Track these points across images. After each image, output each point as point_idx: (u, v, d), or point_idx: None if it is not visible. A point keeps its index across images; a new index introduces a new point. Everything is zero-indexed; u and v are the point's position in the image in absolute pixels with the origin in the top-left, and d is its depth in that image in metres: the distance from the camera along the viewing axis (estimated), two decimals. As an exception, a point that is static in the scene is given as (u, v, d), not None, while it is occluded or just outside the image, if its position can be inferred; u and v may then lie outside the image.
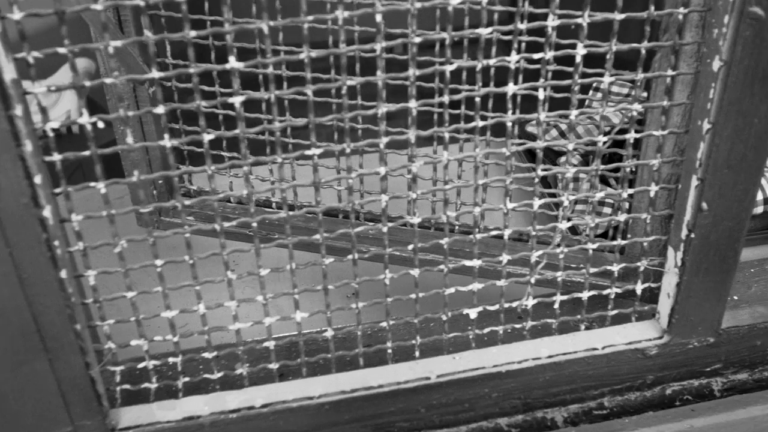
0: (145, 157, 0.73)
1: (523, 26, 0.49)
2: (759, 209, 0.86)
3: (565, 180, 0.56)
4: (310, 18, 0.47)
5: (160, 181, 0.74)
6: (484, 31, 0.48)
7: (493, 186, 0.66)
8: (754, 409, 0.62)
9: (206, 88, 0.70)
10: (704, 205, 0.53)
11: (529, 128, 1.04)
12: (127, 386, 0.57)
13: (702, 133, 0.52)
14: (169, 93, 0.71)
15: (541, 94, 0.51)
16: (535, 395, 0.61)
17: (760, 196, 0.86)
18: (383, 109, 0.48)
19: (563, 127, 0.96)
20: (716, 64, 0.49)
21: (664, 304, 0.60)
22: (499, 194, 1.03)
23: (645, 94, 0.70)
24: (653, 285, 0.60)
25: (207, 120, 0.46)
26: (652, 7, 0.50)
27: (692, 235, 0.55)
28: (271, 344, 0.57)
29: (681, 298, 0.58)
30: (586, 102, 1.04)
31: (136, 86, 0.69)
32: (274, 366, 0.58)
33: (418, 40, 0.47)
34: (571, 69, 0.52)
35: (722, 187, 0.53)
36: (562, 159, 0.95)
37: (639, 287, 0.60)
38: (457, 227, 0.72)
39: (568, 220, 0.62)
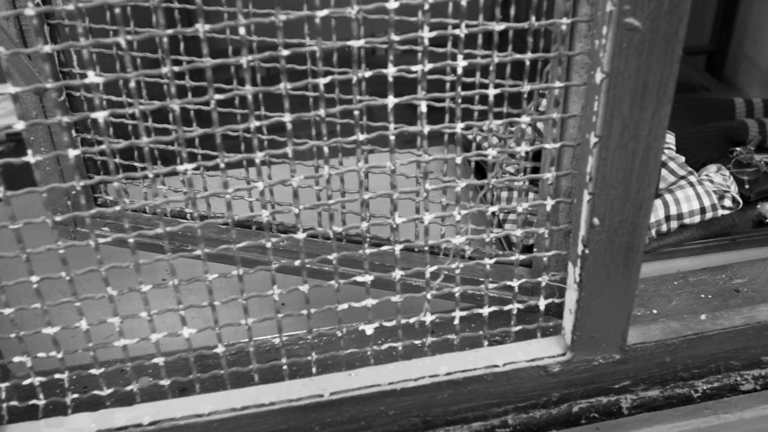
0: (56, 168, 0.72)
1: (397, 38, 0.48)
2: (696, 218, 0.85)
3: (456, 194, 0.54)
4: (207, 27, 0.45)
5: (74, 192, 0.73)
6: (356, 43, 0.47)
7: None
8: (661, 428, 0.60)
9: (114, 98, 0.69)
10: (596, 221, 0.52)
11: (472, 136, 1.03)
12: (14, 403, 0.56)
13: (590, 146, 0.50)
14: (79, 103, 0.70)
15: (424, 107, 0.50)
16: (434, 413, 0.59)
17: (696, 206, 0.85)
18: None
19: (495, 139, 0.94)
20: (599, 76, 0.48)
21: (568, 321, 0.58)
22: (434, 207, 1.01)
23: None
24: (557, 300, 0.59)
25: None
26: (533, 18, 0.48)
27: (587, 251, 0.54)
28: (160, 360, 0.56)
29: (581, 315, 0.57)
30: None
31: (42, 96, 0.67)
32: (165, 382, 0.57)
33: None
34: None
35: (614, 202, 0.51)
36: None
37: (542, 303, 0.59)
38: (368, 240, 0.71)
39: (465, 232, 0.60)
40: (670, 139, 0.97)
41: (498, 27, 0.48)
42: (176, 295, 0.54)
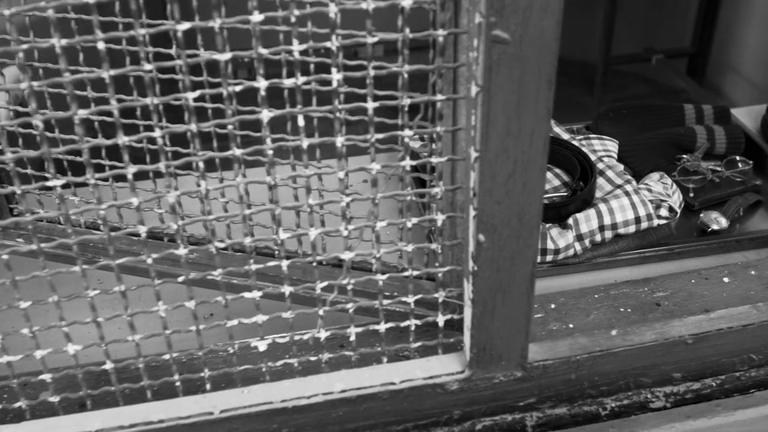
0: (-33, 176, 0.71)
1: (264, 51, 0.46)
2: (631, 228, 0.83)
3: (347, 212, 0.53)
4: (101, 35, 0.44)
5: (-13, 201, 0.72)
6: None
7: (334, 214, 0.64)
8: (565, 447, 0.59)
9: (21, 108, 0.68)
10: (481, 237, 0.51)
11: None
12: None
13: (471, 161, 0.49)
14: (-12, 110, 0.69)
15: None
16: (330, 431, 0.58)
17: (631, 215, 0.83)
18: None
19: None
20: (474, 90, 0.46)
21: (466, 337, 0.57)
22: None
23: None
24: (456, 317, 0.58)
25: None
26: (407, 30, 0.47)
27: (476, 268, 0.52)
28: (47, 377, 0.55)
29: (477, 332, 0.55)
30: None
31: (-54, 104, 0.66)
32: (55, 399, 0.56)
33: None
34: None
35: (499, 219, 0.50)
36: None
37: (441, 319, 0.57)
38: (277, 252, 0.69)
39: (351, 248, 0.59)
40: (612, 146, 0.96)
41: (371, 40, 0.47)
42: (57, 311, 0.53)
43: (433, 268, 0.56)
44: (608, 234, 0.83)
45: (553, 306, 0.69)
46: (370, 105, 0.49)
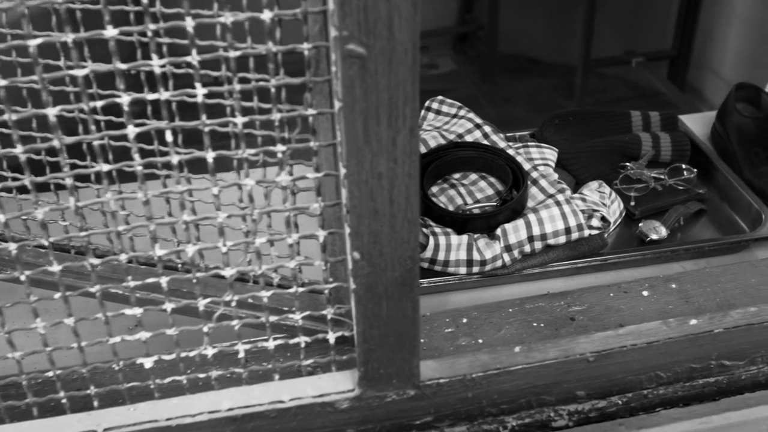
0: None
1: (124, 66, 0.45)
2: (561, 239, 0.82)
3: (224, 228, 0.52)
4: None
5: None
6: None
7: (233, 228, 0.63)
8: (460, 467, 0.58)
9: None
10: (356, 255, 0.49)
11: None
12: None
13: (341, 177, 0.48)
14: None
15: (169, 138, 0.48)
16: (218, 450, 0.57)
17: (561, 226, 0.82)
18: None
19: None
20: (337, 104, 0.45)
21: (357, 355, 0.56)
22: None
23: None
24: (347, 334, 0.56)
25: None
26: (270, 42, 0.46)
27: (354, 285, 0.51)
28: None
29: (364, 350, 0.54)
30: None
31: None
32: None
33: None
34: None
35: (373, 236, 0.49)
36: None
37: (332, 336, 0.56)
38: (179, 266, 0.68)
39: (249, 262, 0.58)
40: (551, 155, 0.95)
41: (233, 54, 0.45)
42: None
43: (320, 285, 0.55)
44: (538, 245, 0.81)
45: (465, 320, 0.68)
46: (239, 120, 0.48)
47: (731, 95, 1.06)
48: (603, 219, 0.85)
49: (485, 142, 0.92)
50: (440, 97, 1.00)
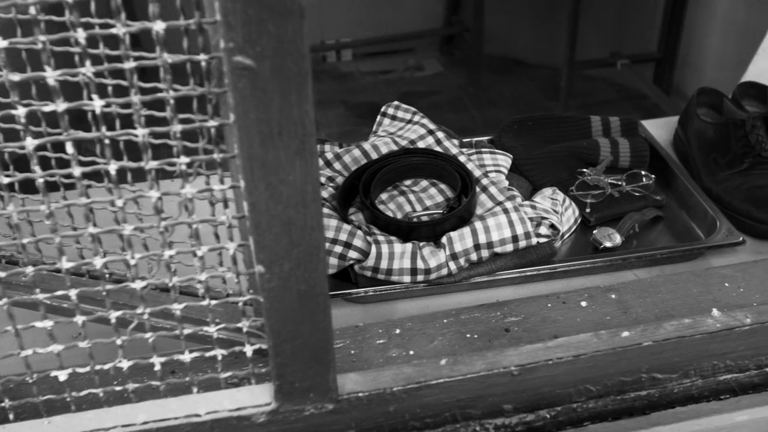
0: None
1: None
2: (508, 247, 0.81)
3: (129, 239, 0.51)
4: None
5: None
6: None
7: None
8: (380, 482, 0.57)
9: None
10: (260, 268, 0.49)
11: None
12: None
13: (242, 190, 0.47)
14: None
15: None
16: (133, 464, 0.56)
17: (508, 234, 0.80)
18: None
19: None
20: (231, 117, 0.44)
21: (271, 369, 0.55)
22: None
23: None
24: (264, 347, 0.55)
25: None
26: (165, 54, 0.45)
27: (261, 299, 0.50)
28: None
29: (278, 364, 0.53)
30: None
31: None
32: None
33: None
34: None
35: (276, 249, 0.48)
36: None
37: (248, 349, 0.55)
38: (108, 276, 0.68)
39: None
40: (504, 161, 0.94)
41: (129, 65, 0.45)
42: None
43: (234, 297, 0.54)
44: (485, 253, 0.80)
45: (398, 331, 0.67)
46: (140, 132, 0.47)
47: (693, 100, 1.05)
48: (552, 227, 0.84)
49: (437, 148, 0.91)
50: (396, 103, 0.99)
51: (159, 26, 0.44)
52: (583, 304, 0.70)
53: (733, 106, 1.03)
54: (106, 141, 0.48)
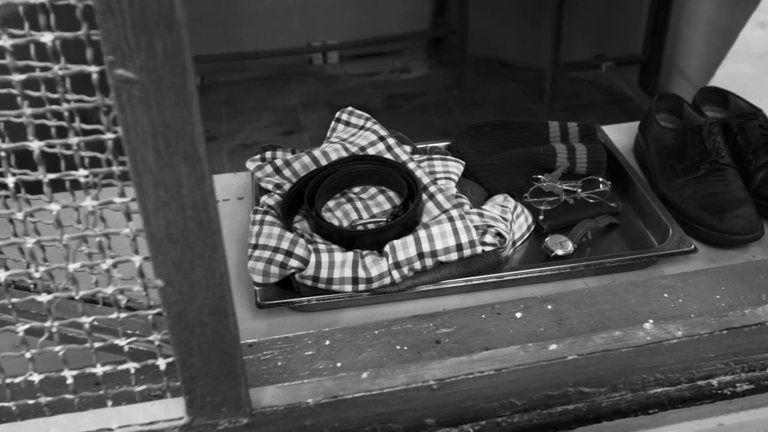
0: None
1: None
2: (453, 256, 0.80)
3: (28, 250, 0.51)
4: None
5: None
6: None
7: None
8: (296, 498, 0.56)
9: None
10: (159, 282, 0.48)
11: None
12: None
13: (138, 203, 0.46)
14: None
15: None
16: (45, 479, 0.56)
17: (452, 242, 0.79)
18: None
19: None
20: (120, 131, 0.44)
21: (181, 383, 0.54)
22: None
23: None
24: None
25: None
26: (56, 67, 0.44)
27: (165, 314, 0.49)
28: None
29: (186, 378, 0.53)
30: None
31: None
32: None
33: None
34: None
35: (175, 263, 0.47)
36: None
37: (162, 362, 0.55)
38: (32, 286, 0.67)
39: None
40: (455, 168, 0.93)
41: (17, 77, 0.44)
42: None
43: (143, 310, 0.53)
44: (429, 261, 0.80)
45: (327, 342, 0.66)
46: (35, 145, 0.46)
47: (653, 106, 1.03)
48: (499, 235, 0.83)
49: (388, 155, 0.90)
50: (350, 108, 0.98)
51: (47, 38, 0.44)
52: (518, 315, 0.69)
53: (694, 111, 1.02)
54: (2, 153, 0.47)
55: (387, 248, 0.79)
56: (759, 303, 0.69)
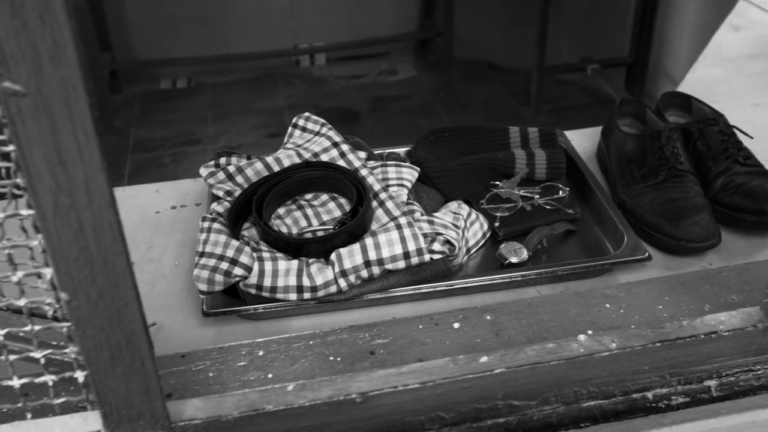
0: None
1: None
2: (400, 264, 0.79)
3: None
4: None
5: None
6: None
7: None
8: None
9: None
10: (64, 295, 0.47)
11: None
12: None
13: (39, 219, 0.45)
14: None
15: None
16: (-38, 493, 0.55)
17: (399, 250, 0.79)
18: None
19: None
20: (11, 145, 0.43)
21: (96, 396, 0.54)
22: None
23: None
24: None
25: None
26: (-52, 77, 0.44)
27: (73, 327, 0.49)
28: None
29: (99, 390, 0.52)
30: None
31: None
32: None
33: None
34: None
35: (78, 277, 0.47)
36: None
37: (80, 375, 0.54)
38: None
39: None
40: (410, 175, 0.92)
41: None
42: None
43: (56, 323, 0.52)
44: (376, 270, 0.79)
45: (261, 353, 0.66)
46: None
47: (615, 111, 1.03)
48: (448, 243, 0.82)
49: (341, 161, 0.89)
50: (306, 114, 0.97)
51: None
52: (456, 325, 0.68)
53: (656, 117, 1.01)
54: None
55: (333, 256, 0.78)
56: (701, 313, 0.68)
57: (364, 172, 0.88)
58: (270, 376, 0.64)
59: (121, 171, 2.23)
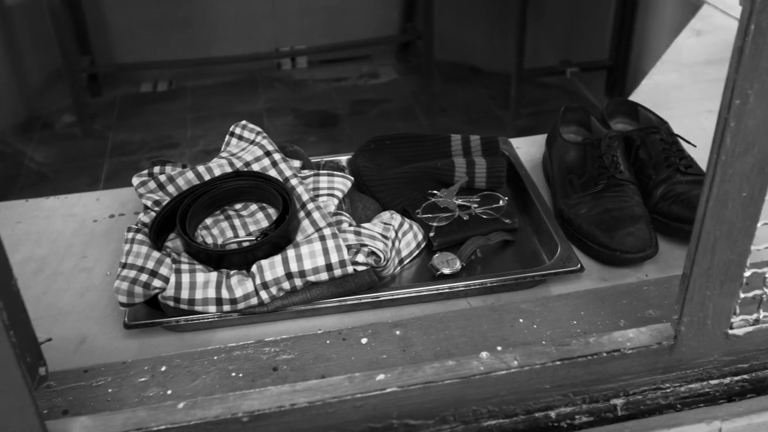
0: None
1: None
2: (323, 276, 0.78)
3: None
4: None
5: None
6: None
7: None
8: None
9: None
10: None
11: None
12: None
13: None
14: None
15: None
16: None
17: (321, 262, 0.77)
18: None
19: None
20: None
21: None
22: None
23: None
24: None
25: None
26: None
27: (-65, 346, 0.48)
28: None
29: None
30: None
31: None
32: None
33: None
34: None
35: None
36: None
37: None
38: None
39: None
40: (342, 184, 0.90)
41: None
42: None
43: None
44: (298, 282, 0.78)
45: (163, 368, 0.65)
46: None
47: (558, 118, 1.01)
48: (373, 254, 0.81)
49: (272, 170, 0.88)
50: (243, 122, 0.96)
51: None
52: (364, 341, 0.67)
53: (600, 124, 1.00)
54: None
55: (254, 268, 0.77)
56: (615, 329, 0.67)
57: (294, 181, 0.86)
58: (169, 392, 0.63)
59: (97, 174, 2.22)
